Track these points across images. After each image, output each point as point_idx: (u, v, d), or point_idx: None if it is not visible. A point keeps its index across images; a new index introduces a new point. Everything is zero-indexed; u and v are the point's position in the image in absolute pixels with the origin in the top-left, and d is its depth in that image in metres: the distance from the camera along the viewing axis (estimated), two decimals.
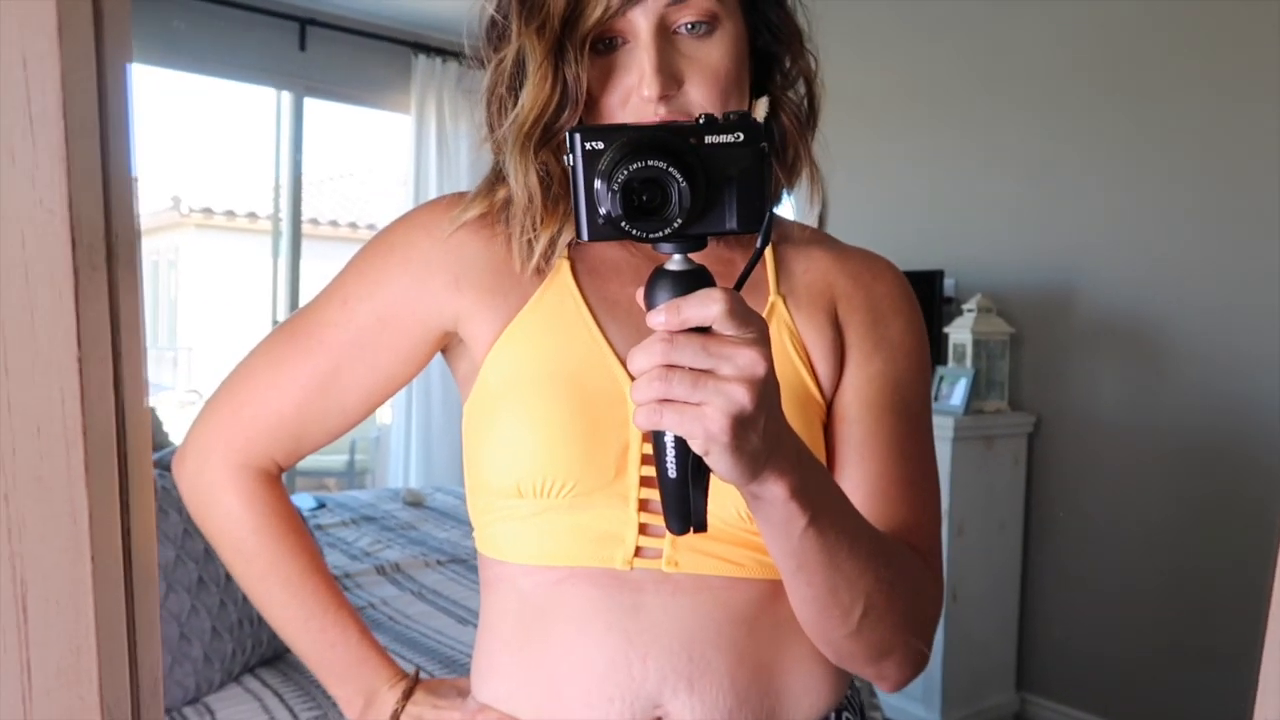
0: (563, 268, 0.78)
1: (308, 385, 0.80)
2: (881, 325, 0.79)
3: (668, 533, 0.71)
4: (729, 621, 0.74)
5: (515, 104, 0.74)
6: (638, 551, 0.73)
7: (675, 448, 0.58)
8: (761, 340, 0.53)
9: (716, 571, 0.73)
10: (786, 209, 0.85)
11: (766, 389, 0.53)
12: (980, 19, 2.97)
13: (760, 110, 0.78)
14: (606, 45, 0.72)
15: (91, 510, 0.35)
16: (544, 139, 0.74)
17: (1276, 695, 0.33)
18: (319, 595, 0.84)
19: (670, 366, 0.52)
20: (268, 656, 1.81)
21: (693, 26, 0.71)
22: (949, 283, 2.99)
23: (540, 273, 0.77)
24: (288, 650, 1.85)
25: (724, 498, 0.70)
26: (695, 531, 0.60)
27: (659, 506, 0.72)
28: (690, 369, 0.52)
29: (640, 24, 0.70)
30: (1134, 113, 2.61)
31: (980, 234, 2.98)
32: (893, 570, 0.69)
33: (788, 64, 0.79)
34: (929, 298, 2.89)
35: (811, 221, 0.85)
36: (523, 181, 0.75)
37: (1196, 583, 2.51)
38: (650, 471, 0.73)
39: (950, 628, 2.65)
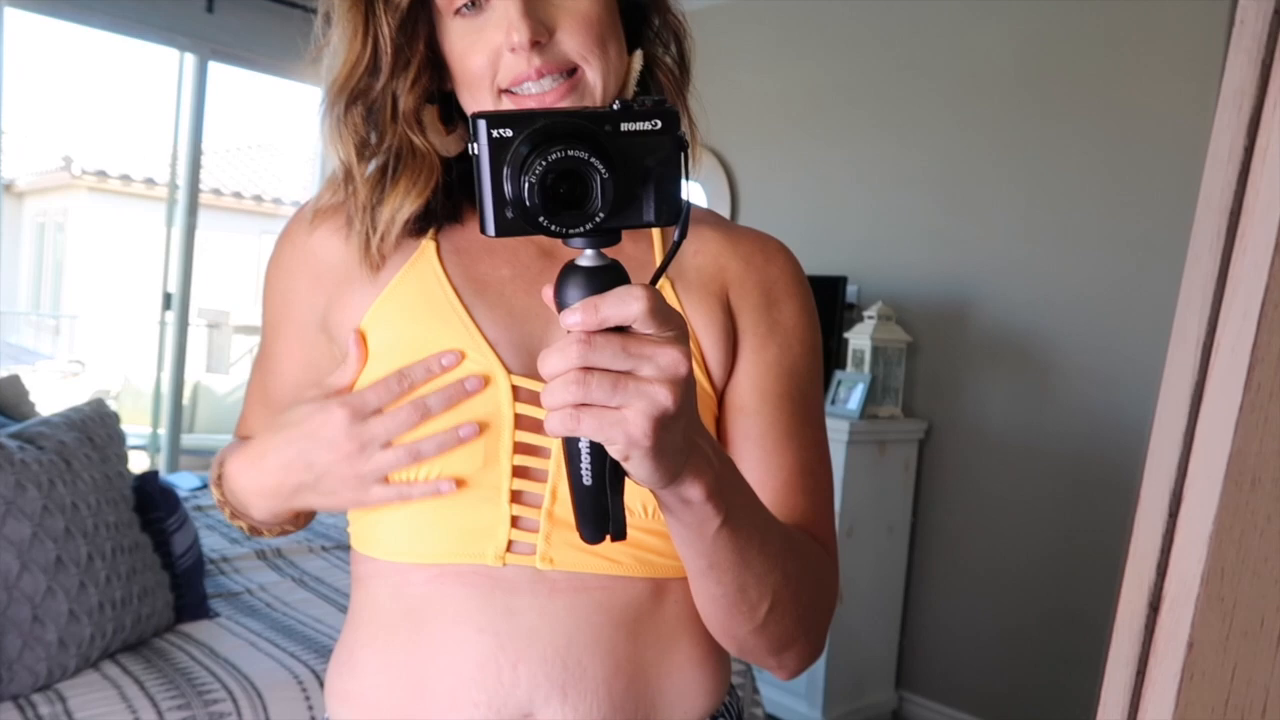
0: (427, 248, 0.75)
1: (261, 389, 0.86)
2: (775, 310, 0.77)
3: (541, 526, 0.70)
4: (607, 625, 0.71)
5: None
6: (510, 546, 0.70)
7: (590, 453, 0.54)
8: (682, 338, 0.51)
9: (593, 569, 0.71)
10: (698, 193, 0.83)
11: (687, 388, 0.51)
12: (897, 33, 3.03)
13: (635, 65, 0.75)
14: (471, 7, 0.69)
15: None
16: (356, 102, 0.71)
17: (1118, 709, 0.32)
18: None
19: (587, 369, 0.49)
20: (130, 641, 1.72)
21: None
22: (851, 289, 3.04)
23: (384, 258, 0.74)
24: (154, 635, 1.77)
25: None
26: (614, 539, 0.56)
27: (533, 498, 0.71)
28: (609, 371, 0.49)
29: None
30: (1038, 137, 2.70)
31: (884, 244, 3.04)
32: (798, 564, 0.68)
33: (657, 22, 0.77)
34: (832, 303, 2.93)
35: (724, 208, 0.83)
36: (338, 152, 0.72)
37: (1070, 590, 2.61)
38: (524, 461, 0.71)
39: (836, 627, 2.70)
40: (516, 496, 0.71)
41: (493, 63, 0.69)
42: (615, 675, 0.71)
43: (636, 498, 0.69)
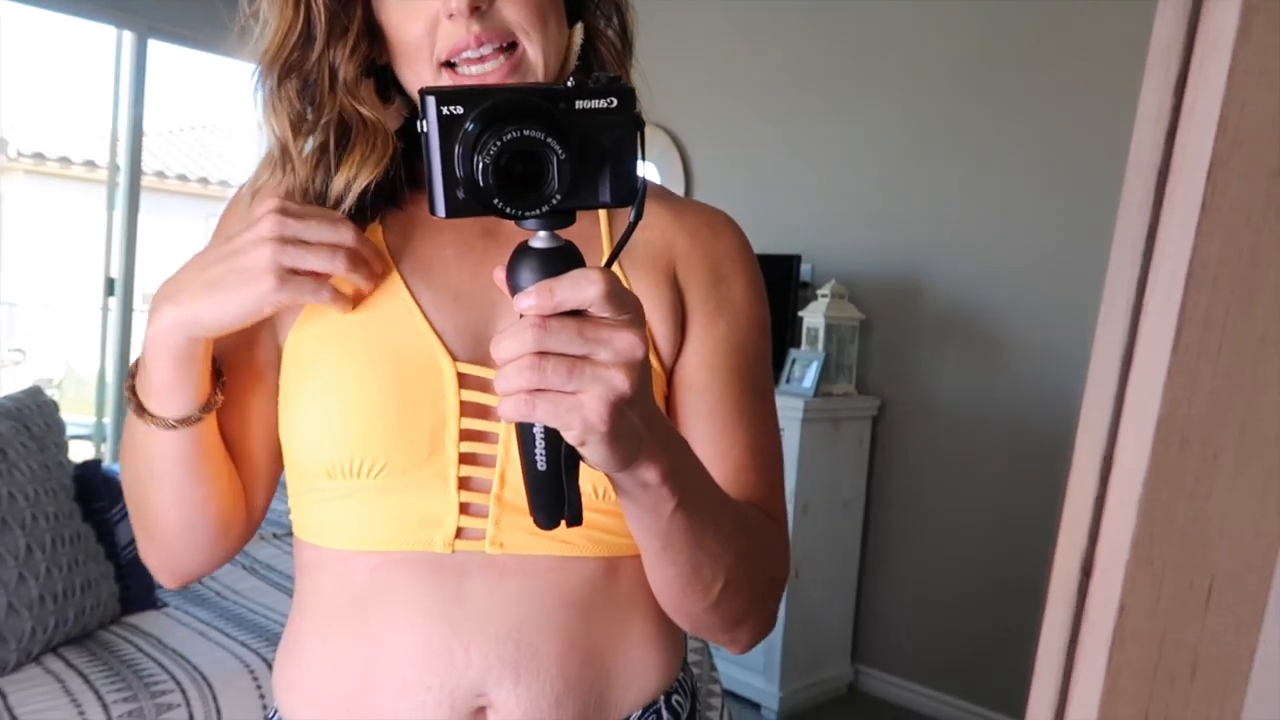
0: (372, 228, 0.73)
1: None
2: (723, 285, 0.75)
3: (491, 511, 0.68)
4: (560, 605, 0.70)
5: None
6: (459, 533, 0.69)
7: (545, 438, 0.53)
8: (638, 321, 0.50)
9: (545, 551, 0.69)
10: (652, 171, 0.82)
11: (644, 372, 0.50)
12: (846, 15, 3.04)
13: (577, 38, 0.73)
14: None
15: None
16: (290, 75, 0.69)
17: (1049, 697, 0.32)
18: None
19: (542, 354, 0.48)
20: (74, 635, 1.68)
21: None
22: (805, 267, 3.05)
23: None
24: (99, 627, 1.73)
25: None
26: (570, 525, 0.55)
27: (481, 484, 0.69)
28: (564, 355, 0.48)
29: None
30: (989, 118, 2.72)
31: (838, 222, 3.06)
32: (752, 542, 0.67)
33: None
34: (785, 281, 2.95)
35: (678, 186, 0.81)
36: (274, 129, 0.70)
37: (1020, 561, 2.66)
38: (471, 448, 0.69)
39: (792, 603, 2.73)
40: (464, 483, 0.69)
41: (430, 31, 0.67)
42: (568, 654, 0.70)
43: (588, 479, 0.67)
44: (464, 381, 0.69)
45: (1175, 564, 0.27)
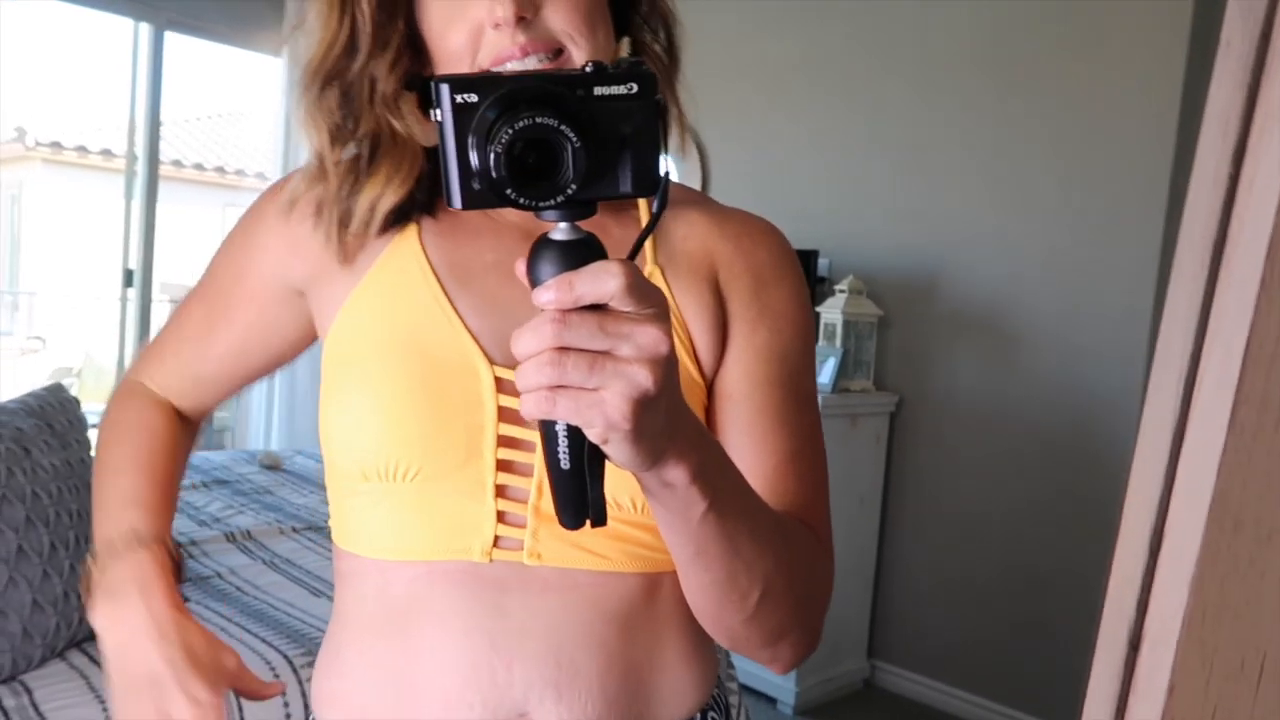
0: (410, 233, 0.73)
1: (184, 330, 0.85)
2: (764, 293, 0.74)
3: (528, 522, 0.68)
4: (600, 621, 0.69)
5: None
6: (496, 542, 0.69)
7: (568, 437, 0.51)
8: (662, 315, 0.48)
9: (581, 565, 0.69)
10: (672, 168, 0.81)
11: (669, 368, 0.48)
12: (865, 5, 3.01)
13: (623, 52, 0.73)
14: None
15: None
16: (332, 84, 0.69)
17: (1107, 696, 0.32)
18: (131, 488, 0.78)
19: (562, 349, 0.46)
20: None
21: None
22: (823, 262, 3.04)
23: (358, 247, 0.72)
24: None
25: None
26: (594, 525, 0.54)
27: (519, 493, 0.69)
28: (585, 350, 0.46)
29: None
30: (1010, 112, 2.70)
31: (857, 217, 3.04)
32: (790, 551, 0.65)
33: (645, 7, 0.74)
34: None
35: (694, 181, 0.81)
36: (312, 138, 0.70)
37: (1037, 560, 2.65)
38: (509, 455, 0.69)
39: None
40: (501, 491, 0.69)
41: (473, 40, 0.66)
42: (608, 672, 0.70)
43: (625, 492, 0.67)
44: (502, 386, 0.69)
45: (1227, 644, 0.27)
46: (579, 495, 0.53)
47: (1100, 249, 2.52)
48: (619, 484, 0.66)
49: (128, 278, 3.92)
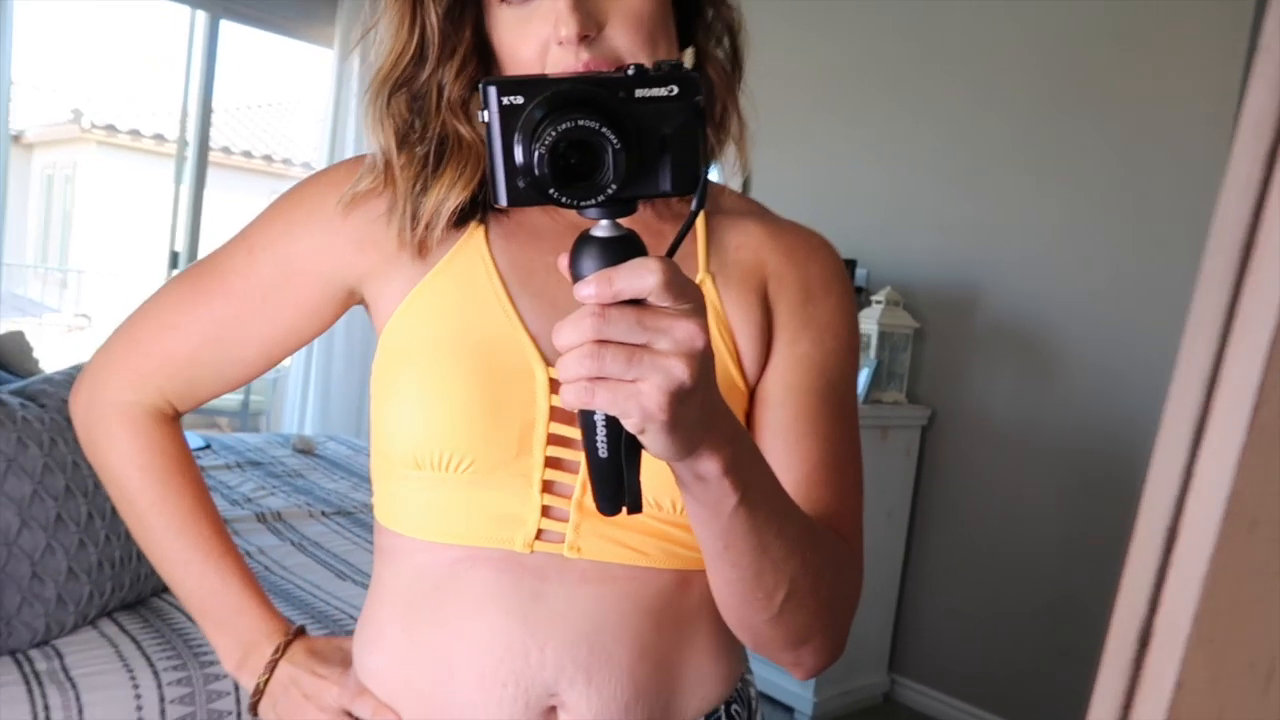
0: (476, 233, 0.75)
1: (205, 330, 0.80)
2: (811, 305, 0.76)
3: (571, 516, 0.70)
4: (634, 612, 0.71)
5: None
6: (539, 534, 0.70)
7: (606, 426, 0.53)
8: (699, 311, 0.50)
9: (620, 559, 0.71)
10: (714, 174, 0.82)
11: (705, 362, 0.50)
12: (915, 15, 2.99)
13: (686, 62, 0.74)
14: None
15: None
16: (400, 90, 0.71)
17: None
18: (201, 539, 0.82)
19: (602, 342, 0.48)
20: (129, 600, 1.73)
21: None
22: (861, 273, 3.03)
23: (427, 246, 0.74)
24: (152, 594, 1.78)
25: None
26: (630, 512, 0.56)
27: (564, 488, 0.71)
28: (624, 344, 0.48)
29: None
30: (1055, 127, 2.67)
31: (896, 229, 3.02)
32: (818, 554, 0.66)
33: (710, 15, 0.75)
34: None
35: (734, 185, 0.82)
36: (379, 140, 0.72)
37: (1065, 582, 2.62)
38: (557, 452, 0.71)
39: None
40: (548, 486, 0.71)
41: (541, 55, 0.68)
42: (640, 661, 0.71)
43: (666, 494, 0.69)
44: (555, 387, 0.71)
45: (1236, 642, 0.27)
46: (616, 483, 0.55)
47: (1148, 271, 2.48)
48: (659, 485, 0.68)
49: (173, 260, 4.00)
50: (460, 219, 0.74)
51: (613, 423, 0.53)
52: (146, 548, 0.84)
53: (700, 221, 0.77)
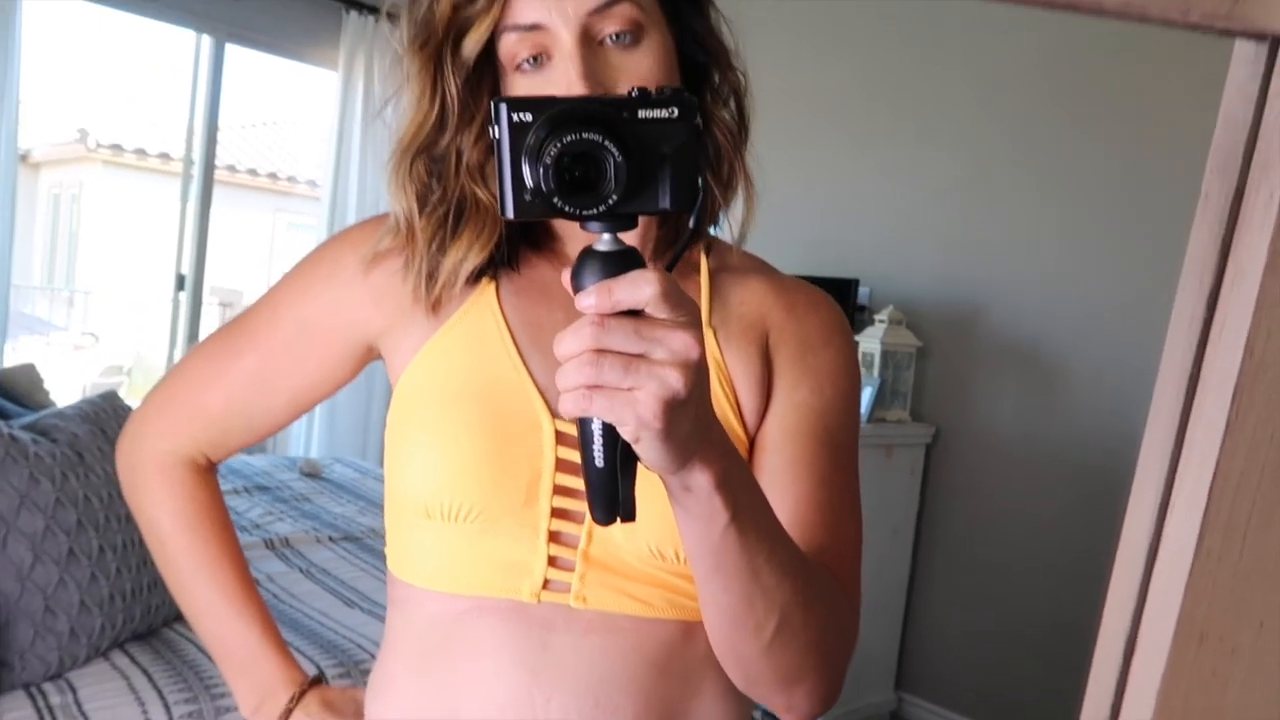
0: (487, 290, 0.77)
1: (234, 384, 0.84)
2: (811, 355, 0.78)
3: (577, 566, 0.72)
4: (640, 664, 0.72)
5: None
6: (546, 584, 0.72)
7: (603, 435, 0.55)
8: (694, 323, 0.51)
9: (626, 610, 0.72)
10: (724, 232, 0.84)
11: (699, 373, 0.52)
12: (918, 33, 3.01)
13: None
14: (533, 63, 0.70)
15: None
16: (421, 155, 0.74)
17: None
18: (227, 585, 0.86)
19: (600, 351, 0.50)
20: (140, 631, 1.75)
21: (618, 37, 0.69)
22: (863, 291, 3.04)
23: (442, 303, 0.76)
24: (163, 625, 1.80)
25: (637, 534, 0.70)
26: (623, 520, 0.57)
27: (570, 539, 0.73)
28: (621, 353, 0.50)
29: (563, 35, 0.68)
30: (1057, 145, 2.69)
31: (898, 247, 3.04)
32: (810, 587, 0.66)
33: (717, 79, 0.78)
34: (843, 305, 2.92)
35: (736, 205, 0.83)
36: (401, 204, 0.75)
37: (1072, 599, 2.62)
38: (564, 503, 0.72)
39: None
40: (554, 537, 0.73)
41: None
42: (645, 713, 0.72)
43: (669, 543, 0.70)
44: (561, 439, 0.73)
45: None
46: (611, 492, 0.57)
47: (1151, 288, 2.49)
48: (663, 535, 0.70)
49: (179, 282, 4.03)
50: (474, 276, 0.77)
51: (609, 432, 0.55)
52: (175, 591, 0.88)
53: (705, 277, 0.80)
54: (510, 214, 0.53)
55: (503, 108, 0.52)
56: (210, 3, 3.77)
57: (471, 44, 0.70)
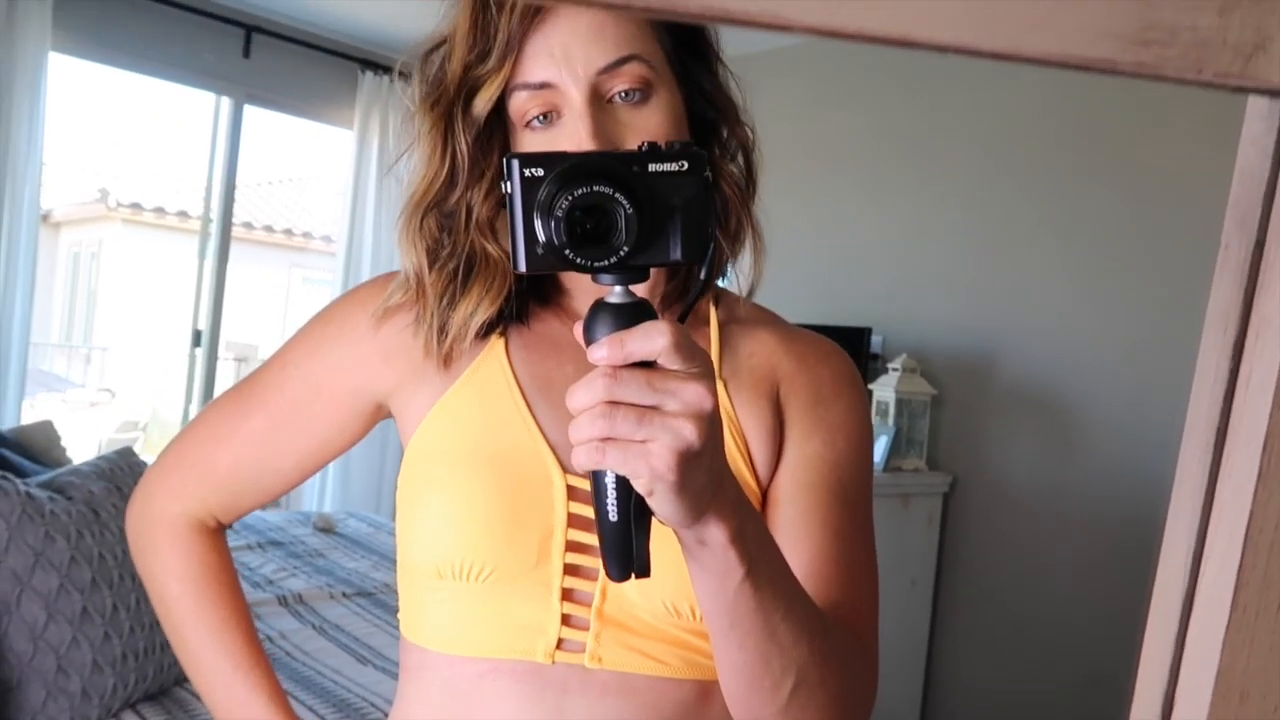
0: (496, 346, 0.77)
1: (243, 443, 0.83)
2: (822, 407, 0.77)
3: (591, 625, 0.71)
4: None
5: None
6: (560, 644, 0.71)
7: (616, 488, 0.55)
8: (707, 374, 0.51)
9: (641, 669, 0.71)
10: (731, 284, 0.84)
11: (713, 425, 0.51)
12: (928, 84, 3.05)
13: None
14: (543, 120, 0.71)
15: None
16: (432, 211, 0.74)
17: None
18: (234, 649, 0.84)
19: (613, 403, 0.49)
20: (152, 691, 1.73)
21: (627, 94, 0.70)
22: (876, 340, 3.04)
23: (452, 358, 0.76)
24: (174, 684, 1.79)
25: (652, 590, 0.69)
26: (638, 576, 0.56)
27: (584, 596, 0.72)
28: (634, 405, 0.49)
29: (573, 94, 0.69)
30: (1069, 193, 2.70)
31: (910, 295, 3.04)
32: (828, 644, 0.65)
33: (725, 134, 0.78)
34: (856, 354, 2.93)
35: (747, 255, 0.83)
36: (411, 259, 0.75)
37: (1094, 650, 2.57)
38: (576, 559, 0.71)
39: None
40: (568, 594, 0.71)
41: None
42: None
43: (684, 600, 0.69)
44: (573, 494, 0.72)
45: None
46: (625, 547, 0.56)
47: (1165, 335, 2.48)
48: (679, 592, 0.69)
49: (196, 338, 4.06)
50: (484, 331, 0.77)
51: (623, 485, 0.54)
52: (181, 654, 0.86)
53: (715, 330, 0.79)
54: (523, 267, 0.53)
55: (515, 163, 0.53)
56: (230, 66, 3.85)
57: (482, 102, 0.71)
